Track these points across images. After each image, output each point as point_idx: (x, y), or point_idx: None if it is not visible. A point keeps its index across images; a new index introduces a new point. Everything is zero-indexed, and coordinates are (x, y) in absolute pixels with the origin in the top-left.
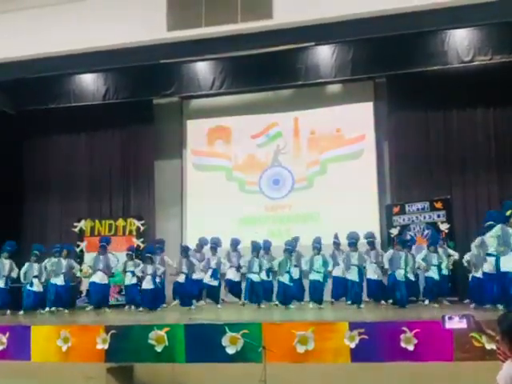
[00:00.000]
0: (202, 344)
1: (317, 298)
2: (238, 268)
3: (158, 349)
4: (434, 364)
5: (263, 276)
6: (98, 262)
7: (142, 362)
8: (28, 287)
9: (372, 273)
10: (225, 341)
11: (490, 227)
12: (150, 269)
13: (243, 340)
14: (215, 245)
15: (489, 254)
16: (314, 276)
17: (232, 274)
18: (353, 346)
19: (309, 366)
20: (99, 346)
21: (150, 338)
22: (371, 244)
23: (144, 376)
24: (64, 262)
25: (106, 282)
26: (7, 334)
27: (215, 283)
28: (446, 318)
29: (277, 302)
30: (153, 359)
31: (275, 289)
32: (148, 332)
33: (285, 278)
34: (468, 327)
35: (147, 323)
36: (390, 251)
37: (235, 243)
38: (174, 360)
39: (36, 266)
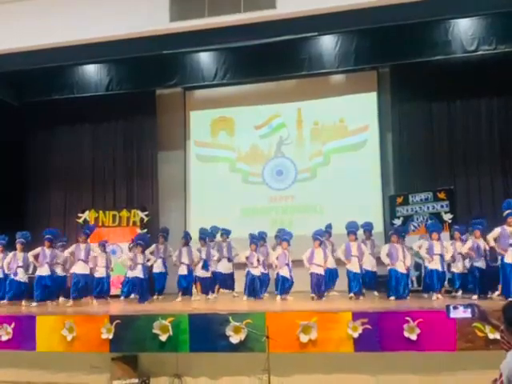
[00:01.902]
0: (206, 334)
1: (318, 292)
2: (229, 259)
3: (163, 338)
4: (437, 354)
5: (261, 269)
6: (79, 251)
7: (147, 351)
8: (12, 277)
9: (367, 264)
10: (228, 330)
11: (509, 215)
12: (140, 258)
13: (247, 330)
14: (204, 235)
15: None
16: (314, 269)
17: (222, 267)
18: (356, 335)
19: (312, 355)
20: (104, 336)
21: (154, 327)
22: (369, 233)
23: (148, 365)
24: (48, 251)
25: (88, 272)
26: (13, 324)
27: (207, 275)
28: (451, 307)
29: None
30: (157, 349)
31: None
32: (152, 322)
33: (285, 271)
34: (473, 317)
35: (152, 313)
36: (386, 245)
37: (226, 233)
38: (178, 349)
39: (21, 255)
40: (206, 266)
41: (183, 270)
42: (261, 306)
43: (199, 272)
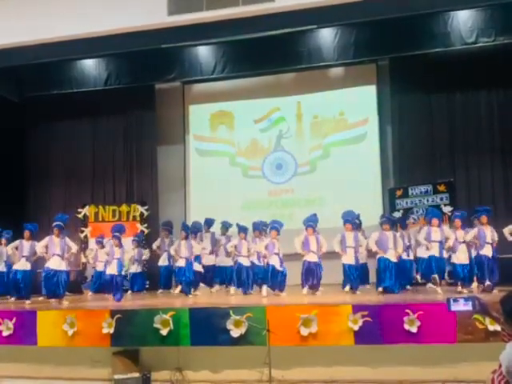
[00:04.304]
0: (207, 327)
1: (313, 282)
2: (210, 252)
3: (164, 332)
4: (437, 346)
5: (254, 260)
6: (52, 245)
7: (148, 345)
8: None
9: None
10: (229, 324)
11: None
12: (118, 252)
13: (247, 323)
14: (196, 229)
15: None
16: (309, 257)
17: (203, 258)
18: (356, 328)
19: (313, 348)
20: (105, 331)
21: (155, 321)
22: (357, 225)
23: (149, 359)
24: (27, 244)
25: (64, 268)
26: (14, 320)
27: (200, 268)
28: (451, 300)
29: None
30: (158, 343)
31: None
32: (153, 316)
33: (274, 261)
34: (473, 309)
35: (152, 307)
36: (376, 233)
37: (209, 223)
38: (179, 343)
39: None
40: (198, 260)
41: (181, 263)
42: (261, 300)
43: (194, 266)
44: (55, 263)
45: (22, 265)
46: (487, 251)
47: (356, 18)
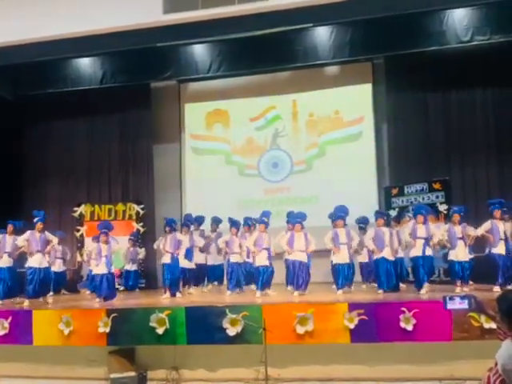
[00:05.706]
0: (203, 326)
1: (300, 282)
2: (201, 250)
3: (160, 331)
4: (433, 344)
5: (245, 257)
6: (34, 240)
7: (144, 344)
8: None
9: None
10: (225, 323)
11: None
12: (105, 249)
13: (244, 322)
14: (189, 222)
15: None
16: (296, 256)
17: (195, 256)
18: (352, 326)
19: (309, 346)
20: (101, 330)
21: (151, 320)
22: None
23: (146, 358)
24: (9, 239)
25: (46, 265)
26: (9, 319)
27: (192, 265)
28: (447, 298)
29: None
30: (154, 341)
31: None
32: (149, 315)
33: (262, 258)
34: (469, 308)
35: (148, 306)
36: (372, 230)
37: (199, 221)
38: (175, 342)
39: None
40: (188, 256)
41: (167, 259)
42: (257, 299)
43: (182, 263)
44: (37, 261)
45: (4, 262)
46: (500, 249)
47: (351, 17)
